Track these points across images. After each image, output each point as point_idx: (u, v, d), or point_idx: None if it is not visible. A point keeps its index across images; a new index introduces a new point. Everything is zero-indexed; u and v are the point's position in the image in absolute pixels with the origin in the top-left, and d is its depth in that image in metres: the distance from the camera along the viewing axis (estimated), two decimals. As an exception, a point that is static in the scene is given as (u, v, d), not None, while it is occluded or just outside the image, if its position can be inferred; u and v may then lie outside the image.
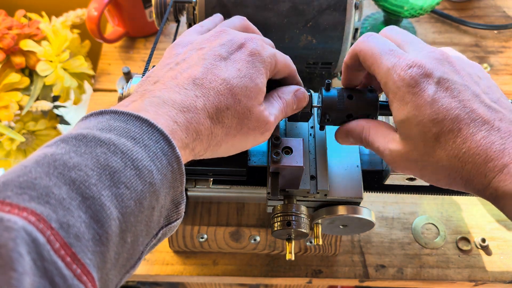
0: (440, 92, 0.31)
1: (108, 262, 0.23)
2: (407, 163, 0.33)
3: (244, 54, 0.32)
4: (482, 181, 0.29)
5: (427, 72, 0.31)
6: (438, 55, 0.33)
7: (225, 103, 0.30)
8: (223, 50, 0.32)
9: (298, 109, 0.37)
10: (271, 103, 0.34)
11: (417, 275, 0.53)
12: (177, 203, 0.29)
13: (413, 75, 0.31)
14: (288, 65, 0.36)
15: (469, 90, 0.31)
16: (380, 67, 0.33)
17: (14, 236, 0.19)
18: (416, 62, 0.32)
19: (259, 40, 0.34)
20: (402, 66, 0.32)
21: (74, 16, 0.69)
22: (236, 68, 0.31)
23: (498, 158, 0.28)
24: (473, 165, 0.29)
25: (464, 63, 0.34)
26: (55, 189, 0.22)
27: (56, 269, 0.20)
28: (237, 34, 0.34)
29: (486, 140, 0.29)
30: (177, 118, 0.28)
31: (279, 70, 0.35)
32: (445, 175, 0.31)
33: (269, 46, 0.34)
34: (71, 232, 0.21)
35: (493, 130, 0.30)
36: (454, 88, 0.31)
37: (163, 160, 0.26)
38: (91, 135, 0.25)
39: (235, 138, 0.32)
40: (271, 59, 0.34)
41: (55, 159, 0.23)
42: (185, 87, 0.30)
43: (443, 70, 0.32)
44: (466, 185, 0.31)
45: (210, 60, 0.31)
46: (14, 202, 0.21)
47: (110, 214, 0.23)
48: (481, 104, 0.31)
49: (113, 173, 0.24)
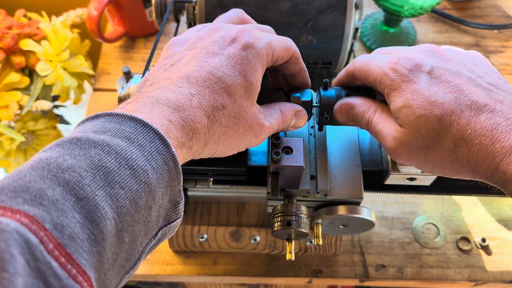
0: (434, 79, 0.31)
1: (105, 262, 0.23)
2: (411, 151, 0.32)
3: (237, 48, 0.32)
4: (490, 163, 0.29)
5: (418, 63, 0.32)
6: (428, 48, 0.34)
7: (221, 102, 0.30)
8: (216, 47, 0.32)
9: (294, 128, 0.37)
10: (270, 112, 0.34)
11: (417, 275, 0.53)
12: (175, 203, 0.29)
13: (404, 65, 0.32)
14: (288, 48, 0.35)
15: (463, 75, 0.31)
16: (372, 69, 0.34)
17: (6, 237, 0.19)
18: (407, 56, 0.33)
19: (253, 31, 0.33)
20: (393, 60, 0.33)
21: (74, 16, 0.69)
22: (230, 65, 0.31)
23: (505, 139, 0.28)
24: (479, 146, 0.29)
25: (456, 53, 0.34)
26: (49, 191, 0.22)
27: (49, 270, 0.20)
28: (230, 29, 0.33)
29: (491, 121, 0.29)
30: (172, 117, 0.28)
31: (279, 57, 0.34)
32: (452, 160, 0.30)
33: (264, 35, 0.33)
34: (65, 233, 0.21)
35: (496, 112, 0.29)
36: (447, 75, 0.31)
37: (158, 160, 0.26)
38: (85, 137, 0.25)
39: (231, 138, 0.31)
40: (266, 50, 0.32)
41: (49, 163, 0.23)
42: (179, 86, 0.29)
43: (434, 60, 0.32)
44: (474, 171, 0.30)
45: (203, 58, 0.31)
46: (7, 206, 0.21)
47: (105, 214, 0.23)
48: (478, 87, 0.31)
49: (107, 173, 0.24)
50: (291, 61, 0.36)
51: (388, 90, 0.33)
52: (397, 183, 0.41)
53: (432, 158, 0.32)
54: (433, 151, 0.31)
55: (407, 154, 0.32)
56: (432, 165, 0.32)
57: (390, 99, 0.33)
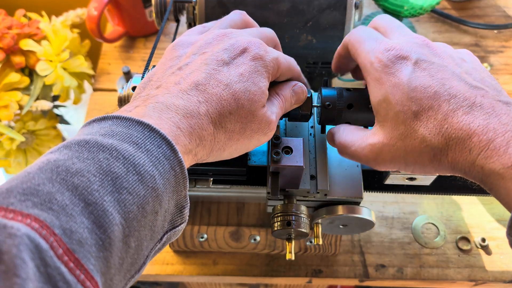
0: (417, 72, 0.31)
1: (112, 267, 0.23)
2: (389, 153, 0.32)
3: (246, 59, 0.32)
4: (467, 157, 0.28)
5: (403, 54, 0.32)
6: (419, 40, 0.33)
7: (228, 109, 0.30)
8: (225, 55, 0.32)
9: (297, 103, 0.37)
10: (270, 101, 0.34)
11: (417, 274, 0.53)
12: (181, 207, 0.29)
13: (389, 57, 0.32)
14: (291, 69, 0.36)
15: (448, 70, 0.31)
16: (361, 52, 0.34)
17: (17, 242, 0.19)
18: (394, 45, 0.32)
19: (262, 44, 0.33)
20: (380, 49, 0.33)
21: (74, 16, 0.69)
22: (239, 73, 0.31)
23: (482, 133, 0.28)
24: (457, 140, 0.29)
25: (447, 48, 0.34)
26: (58, 195, 0.22)
27: (59, 275, 0.20)
28: (240, 38, 0.33)
29: (469, 115, 0.29)
30: (180, 123, 0.28)
31: (282, 73, 0.35)
32: (430, 157, 0.30)
33: (272, 50, 0.34)
34: (74, 238, 0.21)
35: (475, 106, 0.29)
36: (432, 68, 0.31)
37: (166, 165, 0.26)
38: (93, 140, 0.25)
39: (238, 142, 0.32)
40: (273, 63, 0.33)
41: (58, 165, 0.23)
42: (188, 93, 0.30)
43: (421, 52, 0.32)
44: (452, 166, 0.30)
45: (213, 66, 0.31)
46: (17, 209, 0.21)
47: (113, 220, 0.23)
48: (461, 81, 0.30)
49: (116, 179, 0.24)
50: (292, 79, 0.37)
51: (369, 79, 0.33)
52: (397, 183, 0.41)
53: (412, 159, 0.31)
54: (411, 150, 0.31)
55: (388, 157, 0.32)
56: (413, 165, 0.32)
57: (370, 89, 0.33)
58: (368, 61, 0.33)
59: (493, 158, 0.27)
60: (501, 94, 0.31)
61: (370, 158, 0.33)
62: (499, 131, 0.27)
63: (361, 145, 0.33)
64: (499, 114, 0.28)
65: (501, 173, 0.27)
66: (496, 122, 0.28)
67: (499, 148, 0.27)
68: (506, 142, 0.27)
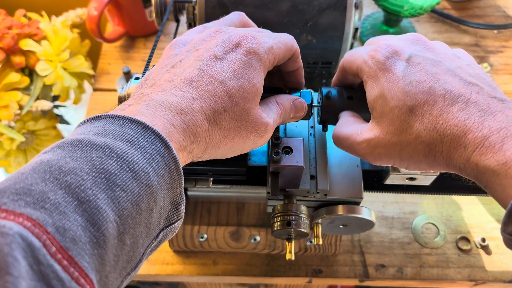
0: (411, 67, 0.31)
1: (107, 264, 0.23)
2: (385, 148, 0.32)
3: (239, 53, 0.32)
4: (462, 154, 0.28)
5: (397, 50, 0.32)
6: (413, 37, 0.34)
7: (222, 105, 0.30)
8: (218, 50, 0.32)
9: (295, 118, 0.37)
10: (269, 107, 0.34)
11: (417, 274, 0.53)
12: (176, 204, 0.29)
13: (383, 52, 0.33)
14: (289, 48, 0.35)
15: (442, 65, 0.31)
16: (355, 59, 0.35)
17: (9, 241, 0.19)
18: (388, 43, 0.33)
19: (255, 36, 0.33)
20: (374, 49, 0.33)
21: (74, 16, 0.69)
22: (232, 69, 0.31)
23: (477, 130, 0.28)
24: (452, 137, 0.29)
25: (441, 45, 0.34)
26: (51, 194, 0.22)
27: (52, 273, 0.20)
28: (233, 33, 0.33)
29: (464, 111, 0.29)
30: (174, 120, 0.28)
31: (281, 58, 0.35)
32: (425, 153, 0.30)
33: (265, 40, 0.33)
34: (68, 236, 0.21)
35: (470, 103, 0.29)
36: (425, 63, 0.31)
37: (160, 162, 0.26)
38: (86, 139, 0.25)
39: (233, 140, 0.31)
40: (268, 55, 0.33)
41: (51, 165, 0.23)
42: (182, 89, 0.29)
43: (415, 48, 0.33)
44: (447, 163, 0.30)
45: (206, 61, 0.31)
46: (10, 209, 0.21)
47: (107, 217, 0.23)
48: (455, 77, 0.31)
49: (109, 176, 0.24)
50: (291, 59, 0.36)
51: (366, 78, 0.33)
52: (397, 182, 0.41)
53: (407, 155, 0.31)
54: (406, 146, 0.31)
55: (383, 152, 0.32)
56: (407, 161, 0.32)
57: (367, 87, 0.33)
58: (362, 61, 0.34)
59: (487, 155, 0.27)
60: (496, 91, 0.31)
61: (365, 153, 0.33)
62: (494, 128, 0.28)
63: (357, 140, 0.33)
64: (494, 111, 0.29)
65: (495, 170, 0.27)
66: (491, 119, 0.28)
67: (494, 145, 0.27)
68: (501, 139, 0.27)
